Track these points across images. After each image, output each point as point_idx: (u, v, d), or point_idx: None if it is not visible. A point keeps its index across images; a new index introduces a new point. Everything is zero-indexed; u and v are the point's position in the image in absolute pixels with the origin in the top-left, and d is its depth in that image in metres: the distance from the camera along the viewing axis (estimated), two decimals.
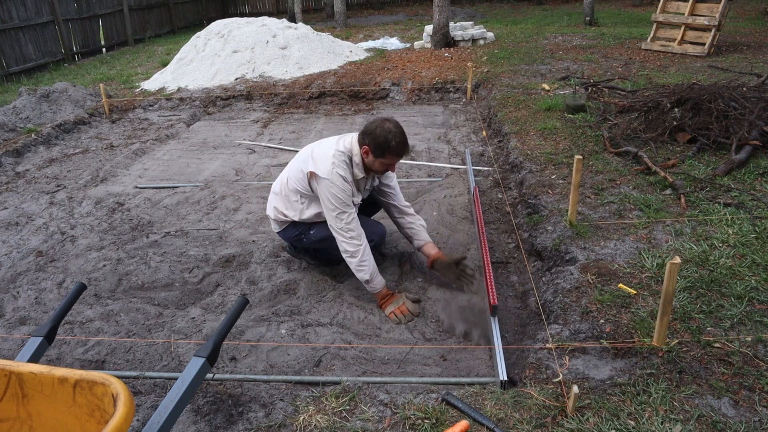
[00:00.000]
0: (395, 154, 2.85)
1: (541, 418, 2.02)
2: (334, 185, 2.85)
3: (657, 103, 4.86)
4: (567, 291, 2.78)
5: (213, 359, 1.87)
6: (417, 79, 8.00)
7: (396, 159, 2.90)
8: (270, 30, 9.52)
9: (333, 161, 2.88)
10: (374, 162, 2.89)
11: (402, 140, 2.85)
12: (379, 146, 2.82)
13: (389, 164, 2.92)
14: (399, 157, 2.89)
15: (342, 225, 2.89)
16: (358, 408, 2.17)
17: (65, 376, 1.44)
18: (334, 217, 2.90)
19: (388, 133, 2.81)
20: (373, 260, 2.96)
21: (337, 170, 2.87)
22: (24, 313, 3.14)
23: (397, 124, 2.89)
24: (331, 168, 2.86)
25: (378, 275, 2.98)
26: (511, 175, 4.64)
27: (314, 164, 2.93)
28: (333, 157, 2.89)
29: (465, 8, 17.44)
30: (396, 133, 2.83)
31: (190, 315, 3.04)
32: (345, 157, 2.93)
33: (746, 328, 2.36)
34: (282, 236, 3.33)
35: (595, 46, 9.46)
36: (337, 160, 2.89)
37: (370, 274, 2.94)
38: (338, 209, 2.88)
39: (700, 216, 3.32)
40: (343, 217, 2.89)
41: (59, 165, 5.71)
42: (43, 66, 10.84)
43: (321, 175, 2.87)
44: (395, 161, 2.92)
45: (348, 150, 2.95)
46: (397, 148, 2.83)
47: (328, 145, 2.98)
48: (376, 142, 2.82)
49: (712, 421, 1.93)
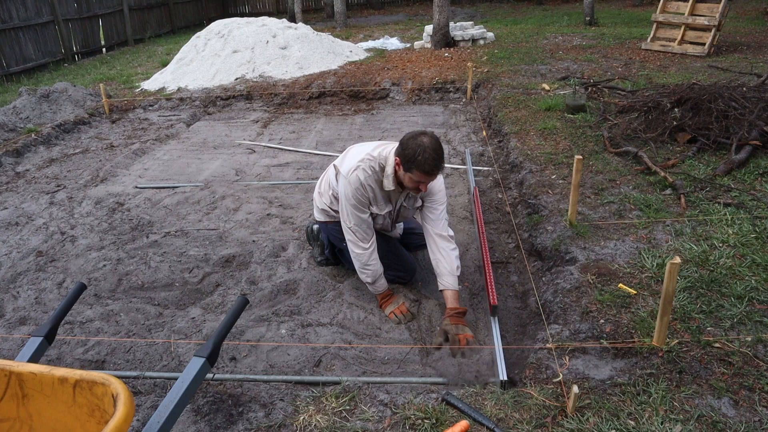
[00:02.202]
0: (422, 171, 2.59)
1: (541, 418, 2.02)
2: (350, 185, 2.79)
3: (657, 103, 4.86)
4: (567, 291, 2.78)
5: (213, 359, 1.87)
6: (417, 79, 8.00)
7: (424, 177, 2.62)
8: (270, 30, 9.52)
9: (359, 164, 2.79)
10: (404, 176, 2.68)
11: (432, 157, 2.57)
12: (408, 160, 2.60)
13: (418, 181, 2.66)
14: (427, 175, 2.61)
15: (352, 225, 2.87)
16: (358, 408, 2.17)
17: (65, 376, 1.43)
18: (346, 215, 2.88)
19: (418, 147, 2.57)
20: (378, 264, 2.93)
21: (357, 173, 2.77)
22: (24, 313, 3.14)
23: (434, 138, 2.64)
24: (353, 169, 2.80)
25: (382, 278, 2.96)
26: (511, 175, 4.64)
27: (341, 161, 2.94)
28: (361, 161, 2.80)
29: (465, 8, 17.43)
30: (428, 148, 2.57)
31: (190, 315, 3.04)
32: (374, 164, 2.79)
33: (746, 328, 2.36)
34: (323, 228, 3.29)
35: (595, 46, 9.46)
36: (364, 164, 2.78)
37: (373, 277, 2.93)
38: (350, 210, 2.85)
39: (700, 216, 3.32)
40: (353, 219, 2.86)
41: (59, 165, 5.71)
42: (43, 66, 10.84)
43: (342, 173, 2.87)
44: (424, 179, 2.64)
45: (382, 158, 2.80)
46: (424, 163, 2.56)
47: (364, 149, 2.90)
48: (406, 155, 2.61)
49: (712, 421, 1.93)
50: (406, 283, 3.19)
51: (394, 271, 3.13)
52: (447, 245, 2.87)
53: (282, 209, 4.33)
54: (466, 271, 3.33)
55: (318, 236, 3.43)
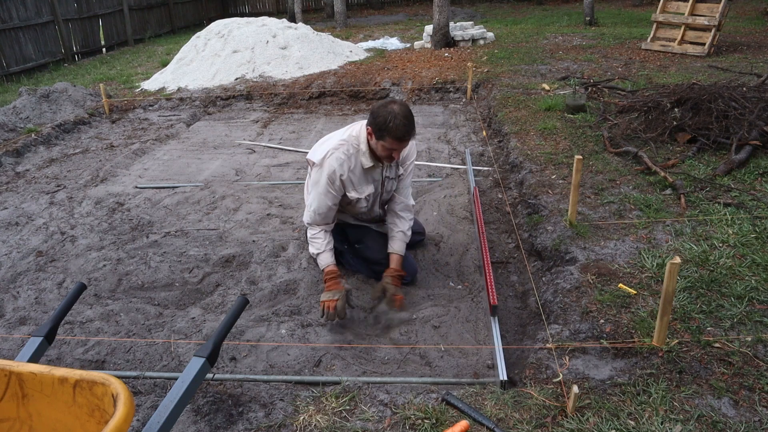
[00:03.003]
0: (394, 137, 2.63)
1: (541, 418, 2.02)
2: (323, 172, 2.84)
3: (657, 103, 4.86)
4: (567, 291, 2.78)
5: (213, 359, 1.87)
6: (417, 79, 8.00)
7: (396, 143, 2.66)
8: (270, 30, 9.52)
9: (332, 151, 2.82)
10: (377, 145, 2.72)
11: (403, 123, 2.61)
12: (379, 127, 2.64)
13: (390, 149, 2.70)
14: (399, 141, 2.65)
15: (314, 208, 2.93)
16: (358, 408, 2.17)
17: (65, 376, 1.43)
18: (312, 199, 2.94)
19: (389, 114, 2.62)
20: (326, 241, 2.96)
21: (331, 160, 2.81)
22: (24, 313, 3.14)
23: (404, 105, 2.69)
24: (326, 156, 2.83)
25: (326, 254, 2.95)
26: (511, 175, 4.64)
27: (312, 153, 2.95)
28: (334, 148, 2.82)
29: (465, 8, 17.43)
30: (398, 114, 2.61)
31: (190, 315, 3.04)
32: (348, 147, 2.82)
33: (746, 328, 2.36)
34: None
35: (595, 46, 9.46)
36: (337, 151, 2.81)
37: (317, 249, 2.97)
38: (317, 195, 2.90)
39: (700, 216, 3.32)
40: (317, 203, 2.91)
41: (59, 165, 5.71)
42: (43, 66, 10.84)
43: (315, 162, 2.89)
44: (396, 146, 2.68)
45: (355, 138, 2.84)
46: (396, 130, 2.60)
47: (333, 136, 2.95)
48: (377, 123, 2.65)
49: (712, 421, 1.93)
50: (408, 284, 3.18)
51: None
52: (407, 214, 3.10)
53: (282, 209, 4.33)
54: (466, 271, 3.33)
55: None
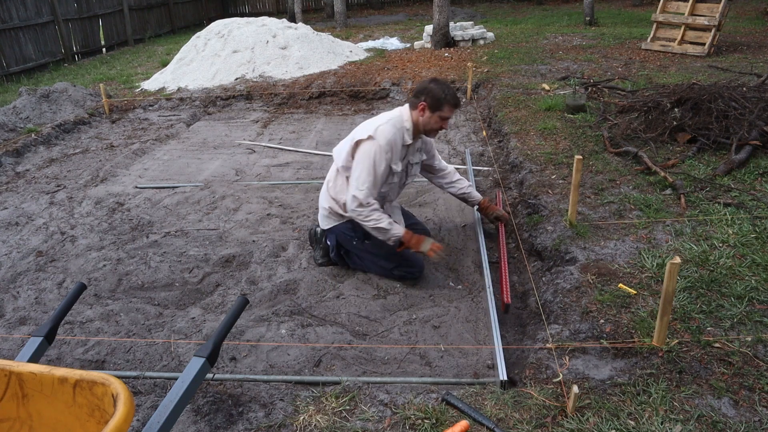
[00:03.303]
0: (451, 104, 3.01)
1: (541, 418, 2.02)
2: (375, 143, 2.97)
3: (657, 103, 4.86)
4: (567, 291, 2.78)
5: (213, 359, 1.87)
6: (417, 79, 8.00)
7: (452, 110, 3.04)
8: (270, 30, 9.52)
9: (382, 125, 3.02)
10: (431, 118, 3.03)
11: (453, 91, 3.05)
12: (436, 99, 2.98)
13: (446, 117, 3.05)
14: (456, 107, 3.05)
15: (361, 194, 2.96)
16: (358, 408, 2.17)
17: (65, 376, 1.43)
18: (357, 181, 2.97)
19: (438, 87, 3.01)
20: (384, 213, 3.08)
21: (385, 129, 3.00)
22: (24, 313, 3.14)
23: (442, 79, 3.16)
24: (378, 127, 3.00)
25: (395, 224, 3.09)
26: (511, 175, 4.64)
27: (359, 133, 3.04)
28: (381, 123, 3.03)
29: (465, 8, 17.43)
30: (445, 85, 3.05)
31: (190, 315, 3.04)
32: (395, 121, 3.06)
33: (746, 328, 2.36)
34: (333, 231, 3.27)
35: (595, 46, 9.46)
36: (387, 124, 3.03)
37: (389, 222, 3.04)
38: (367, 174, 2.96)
39: (700, 216, 3.32)
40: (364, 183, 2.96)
41: (59, 165, 5.71)
42: (43, 66, 10.84)
43: (363, 138, 2.98)
44: (451, 113, 3.06)
45: (398, 117, 3.08)
46: (452, 98, 3.02)
47: (374, 119, 3.14)
48: (433, 97, 2.99)
49: (712, 421, 1.93)
50: (416, 278, 3.21)
51: (404, 269, 3.16)
52: (455, 174, 3.61)
53: (282, 209, 4.33)
54: (466, 271, 3.33)
55: (321, 239, 3.41)
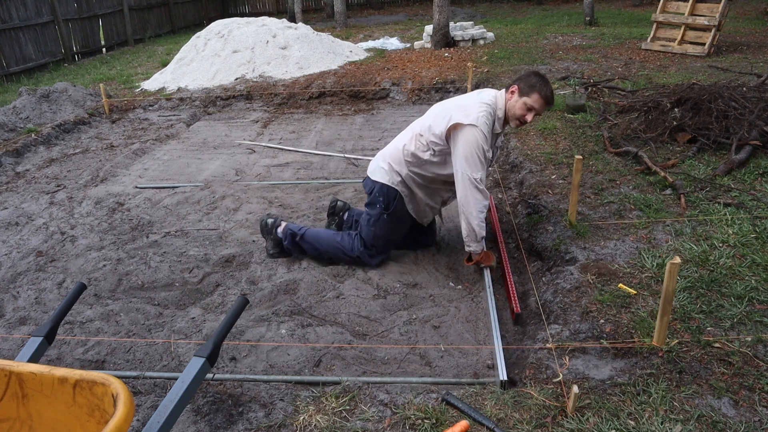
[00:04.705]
0: (542, 95, 2.91)
1: (541, 418, 2.02)
2: (481, 133, 2.91)
3: (657, 103, 4.86)
4: (567, 291, 2.78)
5: (213, 359, 1.87)
6: (417, 79, 8.00)
7: (540, 102, 2.93)
8: (270, 30, 9.52)
9: (480, 113, 2.93)
10: (517, 102, 2.94)
11: (551, 90, 2.95)
12: (530, 84, 2.91)
13: (531, 107, 2.93)
14: (544, 101, 2.93)
15: (479, 176, 2.95)
16: (358, 408, 2.17)
17: (65, 376, 1.43)
18: (470, 166, 2.93)
19: (540, 78, 2.94)
20: None
21: (485, 119, 2.93)
22: (24, 313, 3.14)
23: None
24: (479, 116, 2.92)
25: None
26: (511, 175, 4.64)
27: (459, 115, 2.94)
28: (478, 110, 2.94)
29: (465, 8, 17.43)
30: (548, 81, 2.97)
31: (190, 315, 3.04)
32: (491, 110, 2.99)
33: (746, 328, 2.36)
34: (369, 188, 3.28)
35: (595, 46, 9.46)
36: (484, 112, 2.94)
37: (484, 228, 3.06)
38: (478, 160, 2.93)
39: (700, 216, 3.32)
40: (480, 169, 2.94)
41: (59, 165, 5.71)
42: (43, 66, 10.84)
43: (466, 123, 2.92)
44: (538, 105, 2.93)
45: (492, 103, 3.01)
46: (545, 89, 2.92)
47: (470, 99, 3.05)
48: (528, 81, 2.93)
49: (712, 421, 1.93)
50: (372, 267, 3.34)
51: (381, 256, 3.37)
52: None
53: (282, 209, 4.33)
54: (465, 271, 3.33)
55: (272, 230, 3.50)
